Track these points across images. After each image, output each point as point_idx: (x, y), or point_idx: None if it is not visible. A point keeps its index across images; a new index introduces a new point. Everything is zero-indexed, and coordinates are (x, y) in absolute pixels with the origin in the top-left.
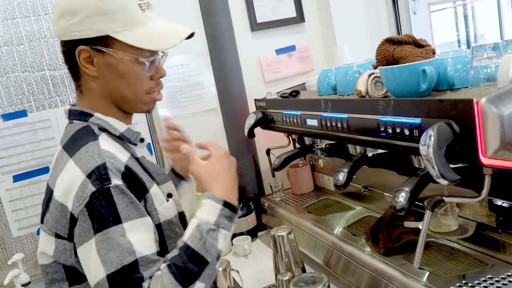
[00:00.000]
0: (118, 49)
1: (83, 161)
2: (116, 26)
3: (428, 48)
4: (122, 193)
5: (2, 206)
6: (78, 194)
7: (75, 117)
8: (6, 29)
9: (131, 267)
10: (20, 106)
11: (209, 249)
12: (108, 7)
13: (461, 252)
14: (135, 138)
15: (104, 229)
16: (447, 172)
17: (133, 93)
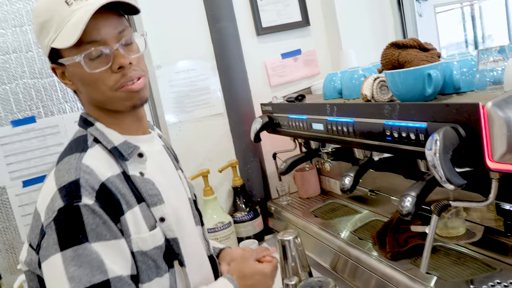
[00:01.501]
0: (67, 56)
1: (60, 173)
2: (51, 35)
3: (433, 52)
4: (92, 213)
5: (12, 211)
6: (49, 206)
7: (80, 124)
8: (15, 36)
9: (102, 287)
10: (29, 113)
11: None
12: (40, 20)
13: (469, 257)
14: (129, 152)
15: (73, 246)
16: (454, 177)
17: (101, 94)
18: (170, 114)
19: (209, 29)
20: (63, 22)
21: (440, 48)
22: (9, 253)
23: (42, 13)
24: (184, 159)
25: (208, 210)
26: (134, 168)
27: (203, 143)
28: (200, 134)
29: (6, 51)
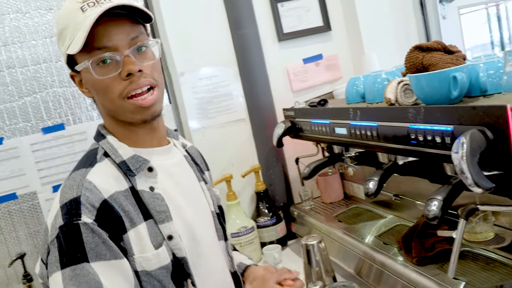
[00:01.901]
0: (80, 63)
1: (64, 189)
2: (67, 42)
3: (458, 54)
4: (92, 232)
5: (42, 216)
6: (53, 223)
7: (95, 136)
8: (45, 47)
9: None
10: (58, 120)
11: None
12: (59, 27)
13: (498, 262)
14: (138, 167)
15: (72, 265)
16: (481, 180)
17: (110, 102)
18: (194, 120)
19: (231, 36)
20: (77, 28)
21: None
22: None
23: (60, 21)
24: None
25: (232, 215)
26: (143, 183)
27: (226, 149)
28: (223, 139)
29: (37, 61)
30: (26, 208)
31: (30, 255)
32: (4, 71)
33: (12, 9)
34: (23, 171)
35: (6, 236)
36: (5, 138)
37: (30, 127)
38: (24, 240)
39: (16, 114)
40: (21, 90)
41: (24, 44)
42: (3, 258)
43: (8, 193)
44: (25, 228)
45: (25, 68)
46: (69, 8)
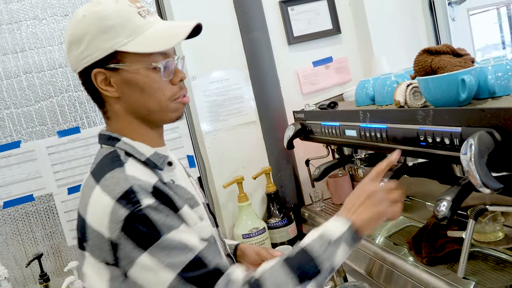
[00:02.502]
0: (130, 62)
1: (110, 187)
2: (121, 39)
3: (466, 57)
4: (155, 210)
5: (58, 217)
6: (112, 220)
7: (104, 141)
8: (61, 52)
9: (197, 262)
10: (73, 123)
11: (326, 258)
12: (108, 23)
13: (508, 262)
14: (161, 162)
15: (153, 243)
16: (490, 181)
17: (157, 103)
18: (205, 123)
19: (241, 40)
20: (139, 30)
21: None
22: (56, 257)
23: (111, 17)
24: (219, 166)
25: (243, 216)
26: (167, 177)
27: (237, 151)
28: (234, 142)
29: (53, 66)
30: (43, 209)
31: (46, 255)
32: (21, 76)
33: (29, 16)
34: (40, 174)
35: (23, 236)
36: (22, 141)
37: (46, 131)
38: (41, 241)
39: (33, 118)
40: (37, 94)
41: (40, 49)
42: (20, 258)
43: (25, 195)
44: (42, 229)
45: (42, 73)
46: (121, 9)
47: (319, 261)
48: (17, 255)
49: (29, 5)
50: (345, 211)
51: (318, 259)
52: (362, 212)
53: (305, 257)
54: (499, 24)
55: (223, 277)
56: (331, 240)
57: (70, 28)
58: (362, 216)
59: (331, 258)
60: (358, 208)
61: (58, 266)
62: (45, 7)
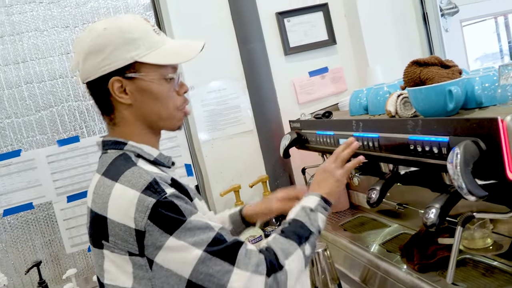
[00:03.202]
0: (146, 72)
1: (133, 181)
2: (141, 51)
3: (454, 69)
4: (178, 197)
5: (57, 225)
6: (138, 209)
7: (109, 146)
8: (62, 63)
9: (219, 238)
10: (73, 132)
11: (312, 222)
12: (131, 35)
13: (497, 269)
14: (167, 161)
15: (179, 226)
16: (475, 189)
17: (167, 111)
18: (203, 132)
19: (239, 50)
20: (157, 44)
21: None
22: (55, 264)
23: (133, 31)
24: (216, 175)
25: None
26: (172, 175)
27: (234, 159)
28: (231, 150)
29: (54, 76)
30: (42, 217)
31: (45, 263)
32: (22, 86)
33: (31, 27)
34: (39, 182)
35: (23, 244)
36: (22, 150)
37: (46, 140)
38: (40, 249)
39: (33, 127)
40: (38, 104)
41: (41, 60)
42: (19, 265)
43: (25, 203)
44: (41, 237)
45: (42, 83)
46: (139, 25)
47: (307, 225)
48: (16, 263)
49: (30, 17)
50: (313, 188)
51: (307, 224)
52: (324, 186)
53: (296, 224)
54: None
55: (242, 247)
56: (311, 208)
57: (89, 39)
58: (325, 189)
59: (315, 222)
60: (320, 184)
61: (56, 274)
62: (47, 19)
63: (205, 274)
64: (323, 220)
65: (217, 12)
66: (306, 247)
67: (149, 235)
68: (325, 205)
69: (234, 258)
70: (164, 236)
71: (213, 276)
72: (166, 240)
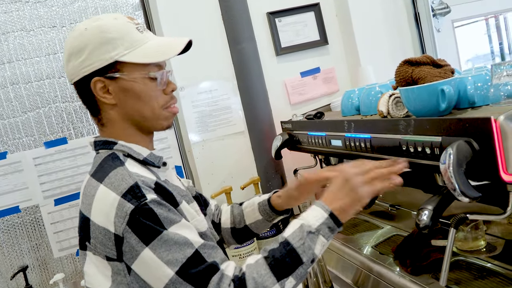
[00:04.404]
0: (128, 71)
1: (115, 184)
2: (121, 50)
3: (446, 68)
4: (159, 204)
5: (44, 228)
6: (118, 214)
7: (100, 147)
8: (48, 63)
9: (196, 257)
10: (60, 134)
11: (306, 250)
12: (109, 35)
13: (491, 271)
14: (158, 161)
15: (156, 237)
16: (468, 190)
17: (151, 110)
18: (193, 133)
19: (230, 51)
20: (138, 43)
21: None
22: (42, 269)
23: (112, 30)
24: (207, 177)
25: None
26: (162, 176)
27: (226, 161)
28: (223, 152)
29: (40, 77)
30: (29, 221)
31: (32, 267)
32: (8, 87)
33: (17, 27)
34: (26, 185)
35: (9, 249)
36: (8, 152)
37: (33, 141)
38: (27, 253)
39: (20, 129)
40: (24, 105)
41: (28, 60)
42: (5, 270)
43: (11, 207)
44: (28, 241)
45: (29, 84)
46: (120, 23)
47: (299, 253)
48: (2, 268)
49: (16, 16)
50: (326, 197)
51: (298, 251)
52: (339, 200)
53: (286, 249)
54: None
55: (217, 274)
56: (310, 230)
57: (71, 40)
58: (339, 204)
59: (310, 250)
60: (336, 195)
61: (44, 279)
62: (33, 18)
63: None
64: (323, 245)
65: (207, 12)
66: (287, 282)
67: (127, 242)
68: (333, 225)
69: (205, 285)
70: (140, 245)
71: None
72: (142, 250)
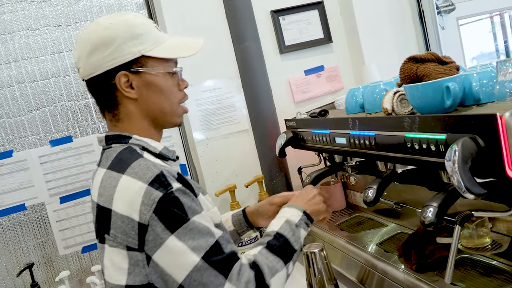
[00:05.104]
0: (152, 66)
1: (140, 173)
2: (147, 46)
3: (451, 65)
4: (184, 193)
5: (50, 226)
6: (144, 202)
7: (113, 141)
8: (54, 62)
9: (217, 247)
10: (66, 133)
11: (297, 239)
12: (137, 30)
13: (496, 268)
14: (172, 155)
15: (182, 225)
16: (473, 187)
17: (170, 105)
18: (198, 132)
19: (233, 49)
20: (161, 40)
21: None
22: (48, 266)
23: (138, 26)
24: (211, 175)
25: None
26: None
27: (230, 159)
28: (227, 150)
29: (46, 76)
30: (35, 219)
31: (38, 265)
32: (14, 86)
33: (22, 26)
34: (32, 183)
35: (15, 246)
36: (14, 151)
37: (38, 140)
38: (33, 251)
39: (25, 128)
40: (30, 104)
41: (33, 59)
42: (11, 268)
43: (17, 204)
44: (34, 238)
45: (34, 82)
46: (143, 21)
47: (292, 243)
48: (8, 265)
49: (22, 16)
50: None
51: (291, 240)
52: (310, 204)
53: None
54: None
55: (238, 262)
56: (296, 224)
57: (95, 34)
58: (311, 208)
59: (299, 239)
60: (307, 200)
61: (49, 276)
62: (38, 17)
63: (199, 282)
64: (304, 236)
65: (212, 11)
66: (290, 266)
67: (151, 230)
68: (307, 221)
69: (228, 271)
70: (165, 233)
71: (206, 286)
72: (167, 237)
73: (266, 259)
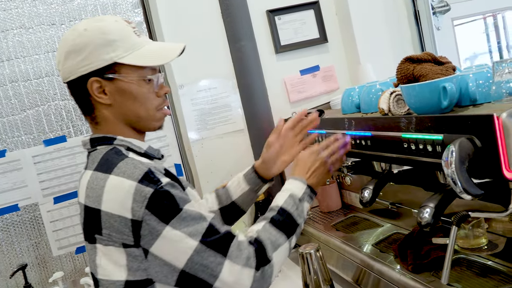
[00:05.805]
0: (126, 73)
1: (128, 172)
2: (120, 53)
3: (448, 65)
4: (173, 186)
5: (43, 227)
6: (136, 200)
7: (98, 143)
8: (47, 61)
9: (211, 229)
10: (60, 132)
11: (300, 213)
12: (110, 37)
13: (492, 268)
14: (157, 153)
15: (175, 215)
16: (470, 187)
17: (146, 111)
18: (193, 131)
19: (229, 49)
20: (136, 46)
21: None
22: (41, 267)
23: (112, 33)
24: (207, 175)
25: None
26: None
27: (225, 159)
28: (222, 150)
29: (40, 75)
30: (28, 219)
31: (31, 266)
32: (7, 85)
33: (16, 25)
34: (25, 183)
35: (8, 247)
36: (7, 151)
37: (32, 140)
38: (26, 252)
39: (19, 127)
40: (23, 103)
41: (27, 58)
42: (4, 269)
43: (10, 205)
44: (27, 239)
45: (28, 81)
46: (119, 27)
47: (295, 217)
48: (1, 266)
49: (16, 14)
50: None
51: (294, 215)
52: (313, 175)
53: (285, 214)
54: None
55: (235, 239)
56: (299, 198)
57: (70, 39)
58: (314, 180)
59: (302, 213)
60: (309, 170)
61: (43, 277)
62: (32, 16)
63: (200, 264)
64: (307, 210)
65: (207, 10)
66: (293, 240)
67: (146, 225)
68: (311, 194)
69: (226, 250)
70: (161, 225)
71: (207, 267)
72: (163, 229)
73: (269, 234)
